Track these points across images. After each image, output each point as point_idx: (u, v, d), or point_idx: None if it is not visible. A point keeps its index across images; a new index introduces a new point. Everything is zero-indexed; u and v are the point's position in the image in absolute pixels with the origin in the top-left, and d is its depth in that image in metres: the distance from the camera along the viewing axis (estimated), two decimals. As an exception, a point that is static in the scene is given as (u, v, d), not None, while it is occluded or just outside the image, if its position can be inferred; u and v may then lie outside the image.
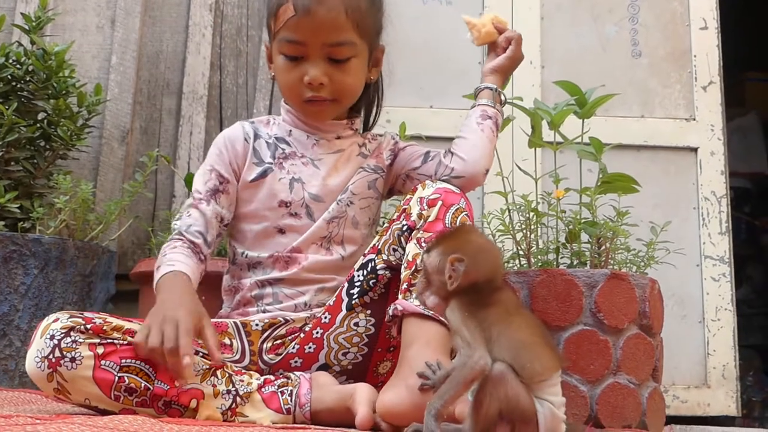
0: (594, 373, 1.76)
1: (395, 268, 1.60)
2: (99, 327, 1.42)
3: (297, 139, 1.78)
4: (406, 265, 1.54)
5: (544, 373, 1.09)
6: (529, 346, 1.10)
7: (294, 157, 1.76)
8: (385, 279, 1.61)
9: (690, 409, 2.69)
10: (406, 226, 1.59)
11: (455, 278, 1.13)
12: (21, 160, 2.25)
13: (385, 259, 1.60)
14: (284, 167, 1.74)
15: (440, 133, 2.67)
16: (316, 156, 1.76)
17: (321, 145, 1.78)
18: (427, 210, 1.56)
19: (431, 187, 1.60)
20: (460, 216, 1.56)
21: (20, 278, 2.07)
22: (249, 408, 1.47)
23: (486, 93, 1.81)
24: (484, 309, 1.12)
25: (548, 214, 2.03)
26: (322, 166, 1.75)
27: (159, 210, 2.68)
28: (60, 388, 1.39)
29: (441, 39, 2.91)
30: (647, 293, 1.84)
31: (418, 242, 1.54)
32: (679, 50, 2.98)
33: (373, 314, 1.61)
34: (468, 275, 1.13)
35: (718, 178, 2.87)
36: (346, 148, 1.79)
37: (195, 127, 2.72)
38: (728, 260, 2.81)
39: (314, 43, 1.67)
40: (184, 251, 1.62)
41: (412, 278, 1.50)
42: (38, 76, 2.29)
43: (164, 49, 2.80)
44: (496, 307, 1.13)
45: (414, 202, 1.60)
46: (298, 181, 1.72)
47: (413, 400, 1.37)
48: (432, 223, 1.55)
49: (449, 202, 1.57)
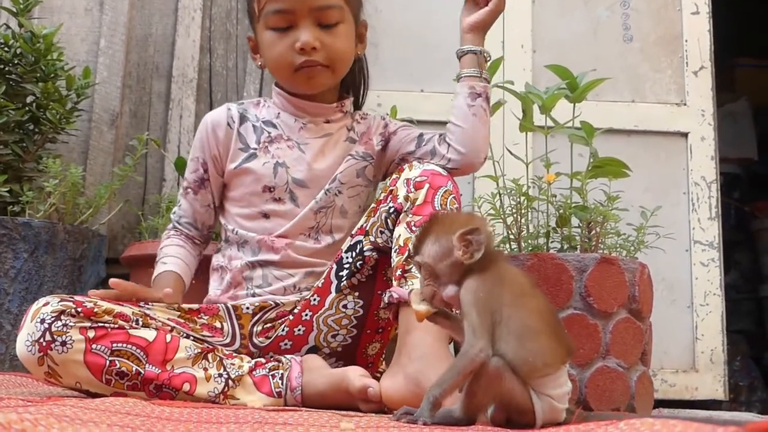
0: (583, 357, 1.77)
1: (382, 249, 1.59)
2: (90, 310, 1.42)
3: (284, 122, 1.77)
4: (398, 250, 1.53)
5: (545, 369, 1.07)
6: (535, 337, 1.07)
7: (280, 140, 1.75)
8: (372, 261, 1.61)
9: (678, 392, 2.71)
10: (393, 208, 1.58)
11: (475, 248, 1.10)
12: (10, 144, 2.24)
13: (372, 240, 1.60)
14: (269, 151, 1.73)
15: (431, 117, 2.67)
16: (303, 140, 1.75)
17: (308, 129, 1.77)
18: (414, 192, 1.56)
19: (418, 168, 1.59)
20: (448, 198, 1.56)
21: (10, 262, 2.06)
22: (240, 391, 1.47)
23: (470, 59, 1.76)
24: (499, 287, 1.10)
25: (539, 199, 2.03)
26: (308, 151, 1.74)
27: (149, 194, 2.67)
28: (51, 372, 1.39)
29: (432, 22, 2.90)
30: (637, 277, 1.85)
31: (408, 226, 1.53)
32: (670, 35, 2.98)
33: (361, 296, 1.62)
34: (483, 244, 1.11)
35: (709, 164, 2.88)
36: (334, 132, 1.78)
37: (185, 110, 2.71)
38: (717, 245, 2.82)
39: (302, 10, 1.67)
40: (179, 242, 1.79)
41: (406, 264, 1.49)
42: (26, 59, 2.27)
43: (153, 32, 2.78)
44: (510, 287, 1.11)
45: (401, 184, 1.59)
46: (282, 165, 1.72)
47: (412, 388, 1.37)
48: (420, 206, 1.54)
49: (437, 184, 1.57)
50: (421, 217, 1.52)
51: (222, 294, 1.71)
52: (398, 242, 1.54)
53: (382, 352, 1.71)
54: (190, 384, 1.45)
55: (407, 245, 1.50)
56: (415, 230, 1.50)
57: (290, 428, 0.94)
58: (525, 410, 1.07)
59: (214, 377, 1.46)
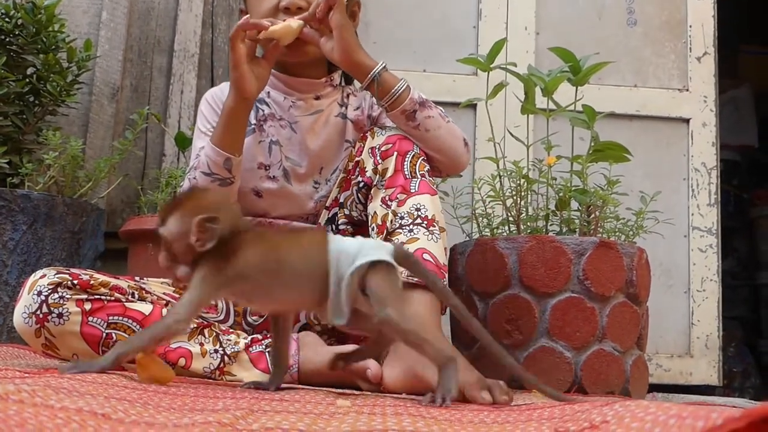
0: (580, 340, 1.77)
1: (356, 223, 1.59)
2: (86, 282, 1.43)
3: (275, 101, 1.76)
4: (377, 230, 1.52)
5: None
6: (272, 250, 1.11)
7: (273, 119, 1.74)
8: (348, 234, 1.60)
9: (672, 377, 2.72)
10: (363, 182, 1.57)
11: (208, 238, 1.09)
12: (10, 115, 2.23)
13: (347, 214, 1.59)
14: (264, 129, 1.73)
15: (433, 97, 2.62)
16: (293, 119, 1.74)
17: (298, 107, 1.75)
18: (383, 163, 1.54)
19: (381, 135, 1.57)
20: (418, 162, 1.54)
21: (9, 234, 2.06)
22: (236, 367, 1.47)
23: (377, 87, 1.57)
24: (233, 258, 1.09)
25: (539, 181, 2.02)
26: (299, 130, 1.73)
27: (149, 168, 2.66)
28: (48, 344, 1.40)
29: (436, 2, 2.89)
30: (635, 262, 1.85)
31: (383, 202, 1.51)
32: (674, 20, 2.96)
33: None
34: (215, 232, 1.09)
35: (709, 150, 2.88)
36: (324, 108, 1.76)
37: (186, 85, 2.70)
38: (716, 232, 2.83)
39: None
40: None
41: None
42: (27, 30, 2.25)
43: (155, 6, 2.76)
44: (241, 252, 1.10)
45: (366, 154, 1.57)
46: (276, 143, 1.71)
47: (410, 378, 1.36)
48: (392, 177, 1.53)
49: (404, 149, 1.55)
50: (395, 189, 1.51)
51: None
52: (376, 220, 1.53)
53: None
54: (185, 359, 1.45)
55: (385, 223, 1.50)
56: (390, 204, 1.49)
57: (287, 404, 0.94)
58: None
59: (210, 353, 1.47)
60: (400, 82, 1.58)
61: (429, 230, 1.48)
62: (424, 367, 1.31)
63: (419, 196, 1.50)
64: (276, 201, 1.69)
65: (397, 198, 1.50)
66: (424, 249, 1.46)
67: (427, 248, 1.46)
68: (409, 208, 1.49)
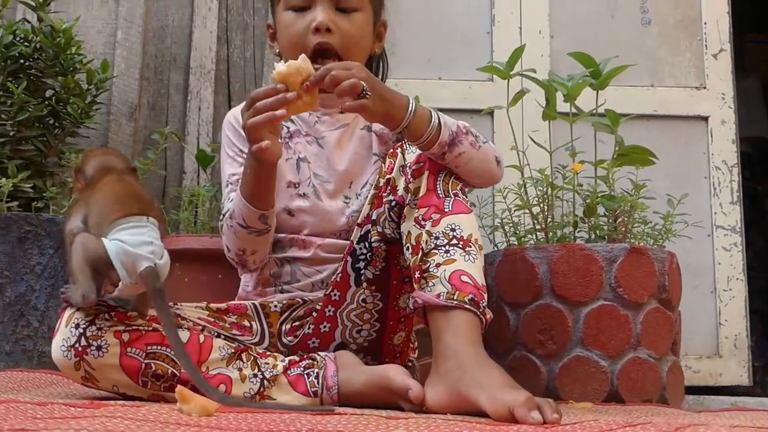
0: (614, 348, 1.77)
1: (389, 241, 1.57)
2: (123, 314, 1.43)
3: (300, 116, 1.75)
4: (411, 251, 1.49)
5: (102, 223, 1.38)
6: (99, 204, 1.42)
7: (299, 135, 1.74)
8: (382, 252, 1.58)
9: (702, 379, 2.70)
10: (394, 201, 1.55)
11: (81, 183, 1.49)
12: (32, 139, 2.23)
13: (380, 231, 1.58)
14: (290, 146, 1.73)
15: (450, 104, 2.66)
16: (319, 134, 1.74)
17: (323, 122, 1.75)
18: (414, 181, 1.52)
19: (412, 153, 1.55)
20: (450, 180, 1.52)
21: (36, 258, 2.06)
22: (276, 391, 1.47)
23: (414, 129, 1.48)
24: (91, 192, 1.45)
25: (565, 188, 2.02)
26: (326, 145, 1.73)
27: (169, 186, 2.66)
28: (88, 376, 1.40)
29: (448, 9, 2.88)
30: (666, 267, 1.84)
31: (416, 222, 1.49)
32: (689, 17, 2.95)
33: (378, 289, 1.60)
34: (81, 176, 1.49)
35: (729, 147, 2.86)
36: (350, 121, 1.76)
37: (203, 102, 2.70)
38: (739, 230, 2.81)
39: None
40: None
41: (422, 264, 1.46)
42: (46, 53, 2.25)
43: (170, 23, 2.76)
44: (99, 188, 1.45)
45: (397, 173, 1.55)
46: (304, 160, 1.71)
47: (454, 398, 1.34)
48: (425, 197, 1.50)
49: (435, 168, 1.53)
50: (428, 209, 1.50)
51: (252, 290, 1.71)
52: (410, 240, 1.50)
53: (408, 339, 1.70)
54: (225, 385, 1.45)
55: (420, 243, 1.48)
56: (424, 224, 1.47)
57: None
58: (100, 254, 1.34)
59: (249, 377, 1.46)
60: (429, 128, 1.49)
61: (465, 251, 1.46)
62: (468, 386, 1.30)
63: (454, 215, 1.48)
64: (307, 219, 1.68)
65: (431, 218, 1.48)
66: (462, 271, 1.44)
67: (465, 270, 1.44)
68: (444, 228, 1.47)
